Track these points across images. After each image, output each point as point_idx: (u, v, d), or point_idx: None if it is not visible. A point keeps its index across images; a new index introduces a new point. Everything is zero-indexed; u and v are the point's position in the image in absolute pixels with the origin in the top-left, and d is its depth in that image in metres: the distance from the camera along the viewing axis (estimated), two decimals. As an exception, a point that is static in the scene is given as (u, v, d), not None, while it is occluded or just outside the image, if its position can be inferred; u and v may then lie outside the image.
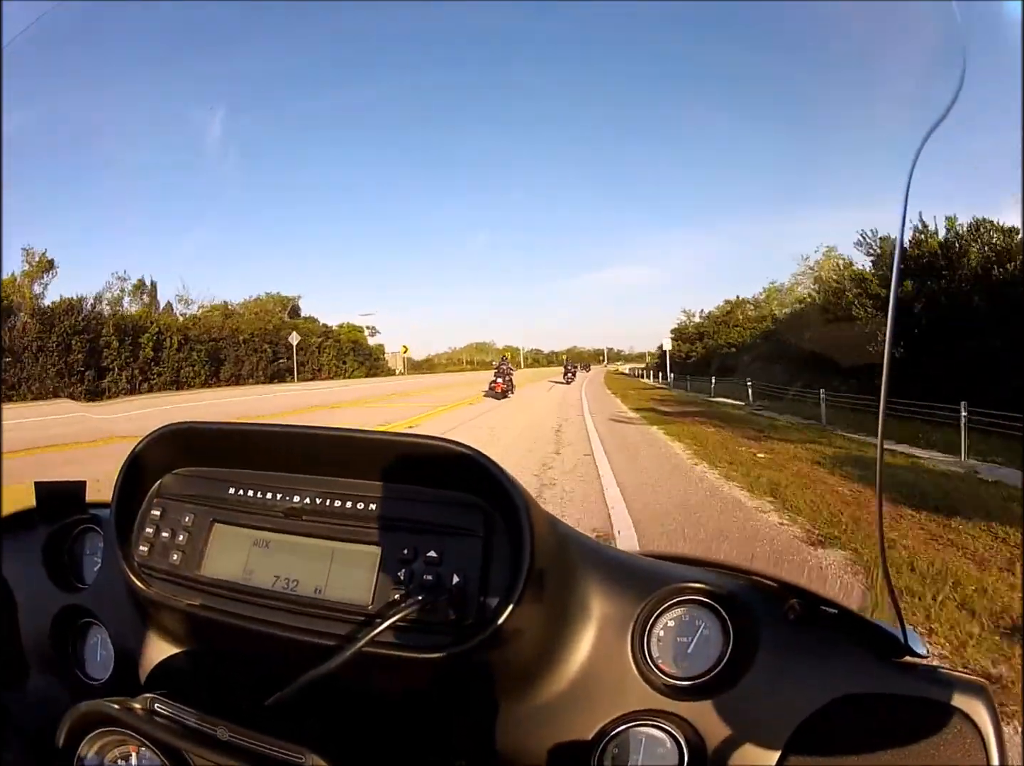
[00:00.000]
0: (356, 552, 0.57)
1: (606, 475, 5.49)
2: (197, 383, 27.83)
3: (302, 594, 0.57)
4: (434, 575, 0.53)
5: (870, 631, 0.54)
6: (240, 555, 0.60)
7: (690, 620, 0.59)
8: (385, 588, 0.54)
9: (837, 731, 0.51)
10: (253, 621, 0.56)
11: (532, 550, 0.50)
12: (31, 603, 0.78)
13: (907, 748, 0.49)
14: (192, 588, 0.60)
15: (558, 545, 0.58)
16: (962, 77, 0.41)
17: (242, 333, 32.00)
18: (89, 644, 0.76)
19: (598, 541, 0.66)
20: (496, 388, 16.24)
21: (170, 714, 0.53)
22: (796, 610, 0.56)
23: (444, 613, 0.52)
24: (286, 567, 0.58)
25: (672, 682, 0.56)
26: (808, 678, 0.53)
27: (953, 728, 0.48)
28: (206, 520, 0.62)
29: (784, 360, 16.66)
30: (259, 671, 0.59)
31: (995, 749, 0.47)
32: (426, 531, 0.56)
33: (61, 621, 0.76)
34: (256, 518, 0.61)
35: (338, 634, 0.53)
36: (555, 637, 0.56)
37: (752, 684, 0.54)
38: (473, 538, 0.54)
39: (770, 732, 0.52)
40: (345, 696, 0.56)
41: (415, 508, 0.57)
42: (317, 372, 37.08)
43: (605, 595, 0.59)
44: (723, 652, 0.57)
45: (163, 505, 0.64)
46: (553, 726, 0.55)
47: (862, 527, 3.65)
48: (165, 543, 0.62)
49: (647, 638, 0.58)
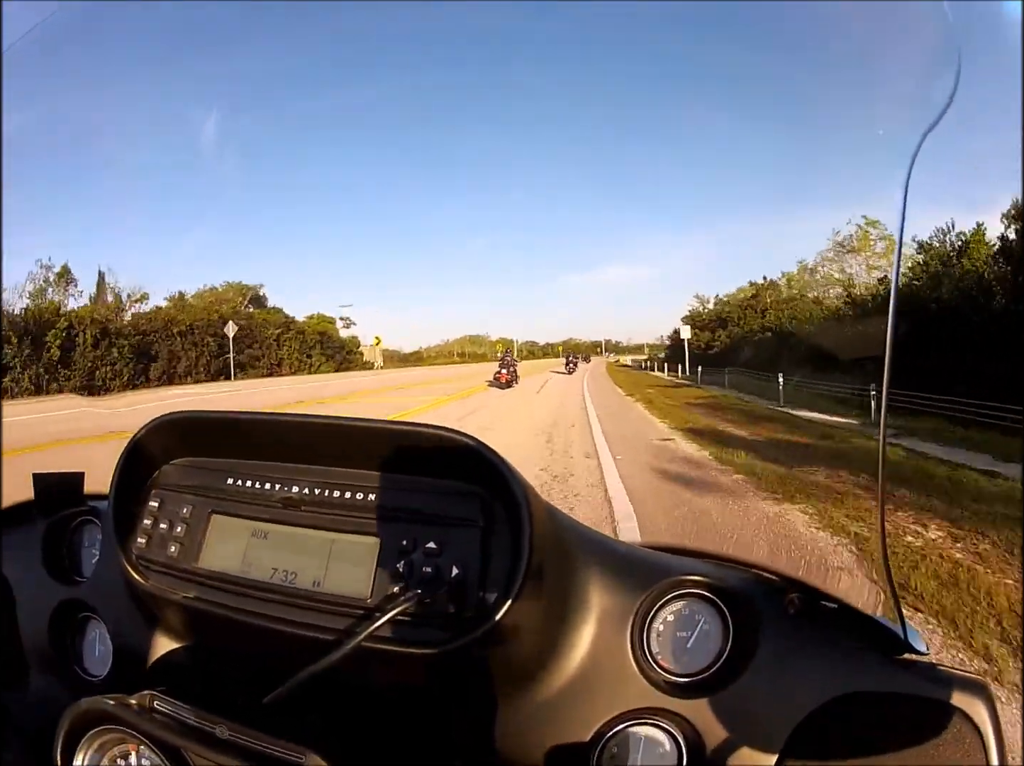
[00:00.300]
0: (355, 543, 0.56)
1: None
2: (117, 385, 23.28)
3: (300, 587, 0.56)
4: (433, 567, 0.52)
5: (870, 627, 0.54)
6: (238, 547, 0.59)
7: (690, 614, 0.58)
8: (384, 581, 0.54)
9: (837, 729, 0.51)
10: (251, 615, 0.56)
11: (532, 541, 0.50)
12: (29, 597, 0.78)
13: (907, 746, 0.48)
14: (190, 581, 0.60)
15: (558, 536, 0.57)
16: (958, 76, 0.42)
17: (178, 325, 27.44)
18: (88, 639, 0.76)
19: (598, 532, 0.65)
20: (501, 378, 16.36)
21: (169, 712, 0.53)
22: (796, 605, 0.56)
23: (443, 606, 0.51)
24: (284, 559, 0.57)
25: (671, 679, 0.56)
26: (808, 675, 0.53)
27: (953, 727, 0.48)
28: (204, 511, 0.62)
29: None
30: (258, 665, 0.59)
31: (995, 748, 0.47)
32: (425, 521, 0.55)
33: (59, 615, 0.76)
34: (254, 509, 0.60)
35: (336, 628, 0.53)
36: (555, 631, 0.56)
37: (752, 681, 0.53)
38: (472, 528, 0.53)
39: (770, 730, 0.51)
40: (344, 691, 0.56)
41: (414, 498, 0.56)
42: (276, 367, 32.35)
43: (605, 587, 0.58)
44: (723, 647, 0.56)
45: (161, 496, 0.64)
46: (552, 723, 0.55)
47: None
48: (163, 535, 0.62)
49: (647, 633, 0.57)
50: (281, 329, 32.72)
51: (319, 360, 34.79)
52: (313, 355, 34.78)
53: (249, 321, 31.21)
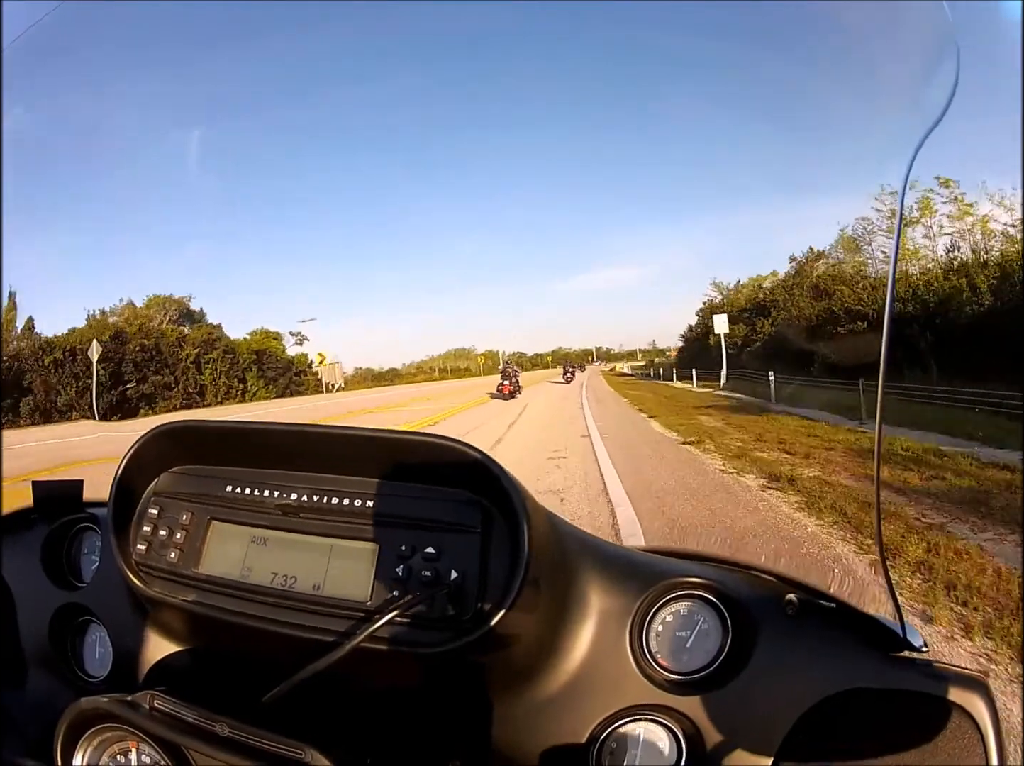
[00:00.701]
0: (354, 548, 0.56)
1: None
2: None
3: (300, 591, 0.56)
4: (432, 571, 0.52)
5: (869, 625, 0.53)
6: (238, 552, 0.59)
7: (689, 614, 0.58)
8: (383, 584, 0.54)
9: (835, 725, 0.50)
10: (251, 618, 0.56)
11: (530, 546, 0.50)
12: (30, 602, 0.77)
13: (906, 741, 0.48)
14: (190, 586, 0.60)
15: (556, 541, 0.57)
16: (957, 76, 0.42)
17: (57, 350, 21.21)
18: (88, 642, 0.75)
19: (596, 537, 0.65)
20: (504, 390, 16.95)
21: (170, 710, 0.52)
22: (794, 604, 0.55)
23: (442, 609, 0.51)
24: (284, 564, 0.57)
25: (671, 677, 0.56)
26: (807, 672, 0.53)
27: (952, 723, 0.48)
28: (204, 518, 0.62)
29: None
30: (258, 668, 0.58)
31: (994, 745, 0.47)
32: (424, 527, 0.55)
33: (59, 619, 0.75)
34: (254, 515, 0.60)
35: (336, 630, 0.53)
36: (554, 632, 0.56)
37: (750, 679, 0.53)
38: (471, 534, 0.53)
39: (769, 727, 0.51)
40: (344, 692, 0.56)
41: (413, 504, 0.56)
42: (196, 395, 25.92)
43: (603, 590, 0.58)
44: (722, 646, 0.56)
45: (161, 503, 0.64)
46: (552, 721, 0.55)
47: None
48: (163, 541, 0.62)
49: (646, 633, 0.57)
50: (200, 349, 26.29)
51: (255, 385, 28.30)
52: (248, 378, 28.31)
53: (158, 340, 24.68)
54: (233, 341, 31.63)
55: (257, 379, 28.30)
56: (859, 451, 5.79)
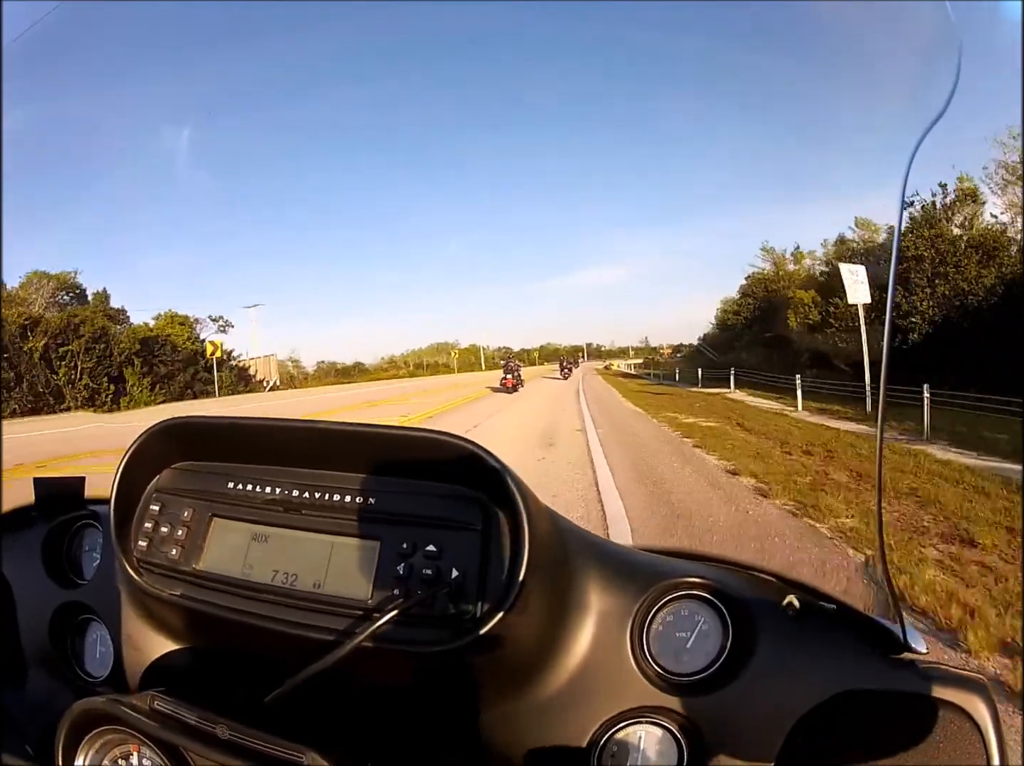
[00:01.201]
0: (355, 546, 0.56)
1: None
2: None
3: (301, 589, 0.56)
4: (433, 569, 0.52)
5: (869, 627, 0.54)
6: (239, 549, 0.59)
7: (689, 615, 0.58)
8: (384, 582, 0.54)
9: (836, 727, 0.51)
10: (252, 616, 0.56)
11: (531, 544, 0.50)
12: (30, 600, 0.78)
13: (906, 743, 0.48)
14: (191, 583, 0.60)
15: (557, 539, 0.57)
16: (958, 75, 0.43)
17: None
18: (88, 641, 0.75)
19: (597, 535, 0.65)
20: (507, 384, 18.17)
21: (170, 712, 0.53)
22: (795, 606, 0.55)
23: (443, 608, 0.51)
24: (285, 561, 0.57)
25: (671, 678, 0.56)
26: (807, 674, 0.53)
27: (952, 725, 0.48)
28: (205, 514, 0.62)
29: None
30: (258, 666, 0.59)
31: (995, 746, 0.47)
32: (425, 525, 0.55)
33: (60, 618, 0.75)
34: (255, 512, 0.60)
35: (337, 629, 0.53)
36: (554, 632, 0.56)
37: (751, 680, 0.53)
38: (472, 532, 0.53)
39: (769, 728, 0.51)
40: (344, 691, 0.56)
41: (414, 502, 0.56)
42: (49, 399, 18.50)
43: (604, 589, 0.58)
44: (722, 647, 0.56)
45: (162, 500, 0.64)
46: (553, 722, 0.55)
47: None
48: (164, 538, 0.62)
49: (646, 633, 0.57)
50: (51, 337, 18.83)
51: (136, 385, 20.92)
52: (127, 376, 20.95)
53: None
54: (134, 328, 24.05)
55: (139, 378, 20.89)
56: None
